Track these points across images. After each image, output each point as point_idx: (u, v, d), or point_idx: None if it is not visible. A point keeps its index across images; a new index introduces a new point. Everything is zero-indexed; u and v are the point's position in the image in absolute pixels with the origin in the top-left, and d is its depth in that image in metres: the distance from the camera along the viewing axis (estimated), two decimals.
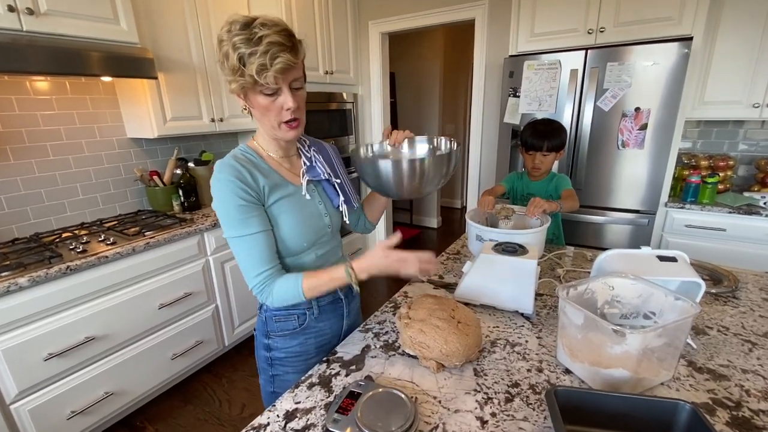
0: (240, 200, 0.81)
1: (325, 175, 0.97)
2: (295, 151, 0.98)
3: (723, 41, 2.07)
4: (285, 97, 0.79)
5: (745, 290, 1.19)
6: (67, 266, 1.51)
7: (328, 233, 0.98)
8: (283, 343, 0.99)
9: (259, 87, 0.76)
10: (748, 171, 2.40)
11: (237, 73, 0.75)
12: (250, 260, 0.84)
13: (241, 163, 0.85)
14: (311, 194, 0.94)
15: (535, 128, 1.61)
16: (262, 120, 0.84)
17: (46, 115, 1.88)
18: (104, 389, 1.70)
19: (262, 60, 0.72)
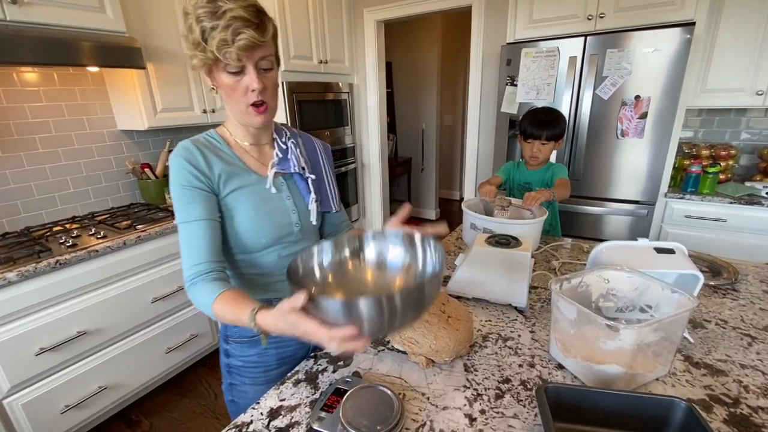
0: (186, 183, 0.76)
1: (296, 168, 0.89)
2: (269, 140, 0.90)
3: (726, 27, 2.01)
4: (250, 77, 0.73)
5: (745, 282, 1.17)
6: (57, 260, 1.49)
7: (296, 232, 0.89)
8: (241, 351, 0.92)
9: (223, 64, 0.71)
10: (751, 160, 2.36)
11: (198, 47, 0.70)
12: (186, 250, 0.76)
13: (199, 146, 0.79)
14: (279, 188, 0.87)
15: (534, 116, 1.58)
16: (228, 102, 0.78)
17: (35, 107, 1.84)
18: (98, 383, 1.70)
19: (224, 35, 0.67)
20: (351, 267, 0.79)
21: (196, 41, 0.69)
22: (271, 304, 0.66)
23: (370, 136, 3.27)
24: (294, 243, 0.90)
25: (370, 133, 3.26)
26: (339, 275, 0.77)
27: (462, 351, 0.83)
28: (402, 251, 0.77)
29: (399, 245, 0.78)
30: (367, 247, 0.80)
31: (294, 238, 0.89)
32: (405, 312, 0.58)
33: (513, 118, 2.27)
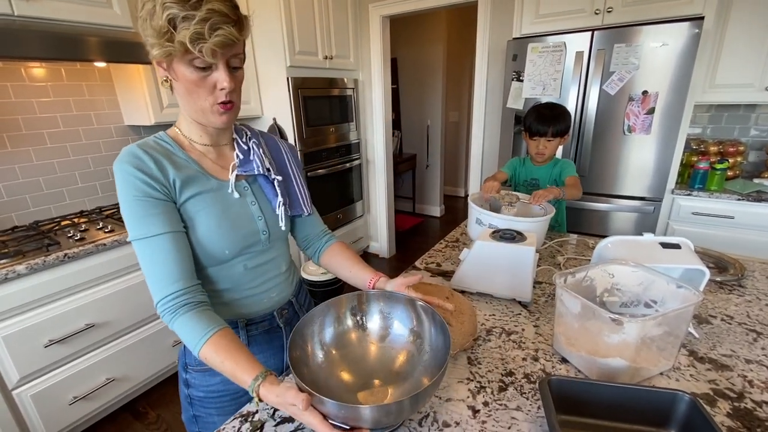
0: (138, 193, 0.66)
1: (260, 169, 0.80)
2: (228, 140, 0.81)
3: (736, 21, 1.99)
4: (220, 74, 0.65)
5: (751, 278, 1.16)
6: (65, 254, 1.51)
7: (263, 240, 0.80)
8: (203, 380, 0.82)
9: (190, 57, 0.63)
10: (759, 157, 2.33)
11: (164, 36, 0.61)
12: (153, 272, 0.67)
13: (148, 150, 0.70)
14: (242, 192, 0.78)
15: (539, 113, 1.56)
16: (187, 98, 0.69)
17: (43, 102, 1.86)
18: (106, 375, 1.72)
19: (200, 28, 0.59)
20: (354, 338, 0.78)
21: (161, 29, 0.60)
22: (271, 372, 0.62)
23: (375, 132, 3.27)
24: (261, 253, 0.82)
25: (375, 129, 3.26)
26: (342, 347, 0.76)
27: (466, 344, 0.84)
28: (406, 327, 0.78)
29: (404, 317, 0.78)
30: (370, 319, 0.79)
31: (261, 247, 0.81)
32: (411, 410, 0.59)
33: (519, 113, 2.26)
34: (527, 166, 1.71)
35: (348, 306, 0.79)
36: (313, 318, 0.74)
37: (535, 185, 1.66)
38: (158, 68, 0.68)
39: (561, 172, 1.61)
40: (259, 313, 0.84)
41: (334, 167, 2.94)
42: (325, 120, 2.81)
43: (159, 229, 0.67)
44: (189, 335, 0.65)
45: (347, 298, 0.79)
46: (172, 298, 0.66)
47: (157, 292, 0.67)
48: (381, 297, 0.80)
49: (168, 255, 0.67)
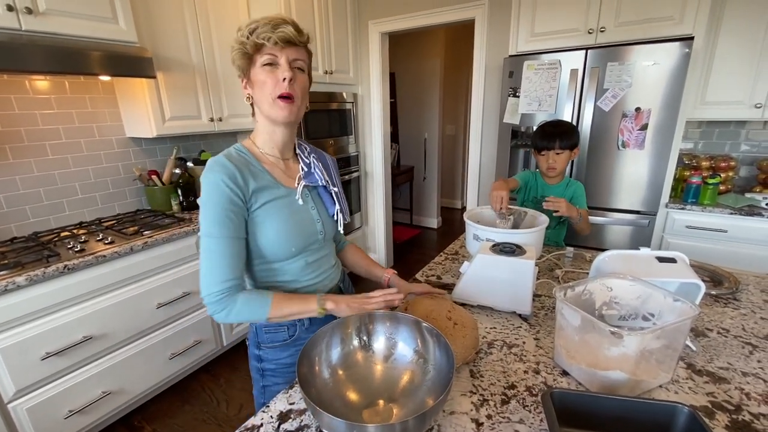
0: (225, 200, 0.79)
1: (322, 181, 0.95)
2: (293, 154, 0.97)
3: (724, 41, 2.06)
4: (282, 66, 0.80)
5: (746, 292, 1.18)
6: (65, 265, 1.51)
7: (320, 240, 0.95)
8: (274, 355, 0.97)
9: (260, 60, 0.80)
10: (750, 172, 2.39)
11: (241, 42, 0.80)
12: (219, 264, 0.80)
13: (234, 162, 0.83)
14: (305, 199, 0.92)
15: (544, 130, 1.57)
16: (260, 100, 0.84)
17: (45, 114, 1.88)
18: (102, 388, 1.70)
19: (267, 29, 0.78)
20: (360, 358, 0.80)
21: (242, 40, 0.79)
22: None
23: (373, 144, 3.31)
24: (318, 250, 0.96)
25: (373, 141, 3.30)
26: (347, 367, 0.78)
27: (468, 357, 0.85)
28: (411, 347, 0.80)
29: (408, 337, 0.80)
30: (376, 340, 0.82)
31: (318, 245, 0.95)
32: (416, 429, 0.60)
33: (515, 128, 2.31)
34: (539, 182, 1.68)
35: (353, 327, 0.81)
36: (319, 339, 0.76)
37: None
38: (242, 87, 0.88)
39: (573, 197, 1.60)
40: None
41: None
42: (325, 133, 2.85)
43: (231, 233, 0.80)
44: (254, 306, 0.82)
45: (352, 319, 0.81)
46: (230, 286, 0.80)
47: (214, 282, 0.79)
48: (386, 318, 0.81)
49: (232, 256, 0.81)
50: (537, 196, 1.68)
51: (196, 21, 2.13)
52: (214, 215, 0.79)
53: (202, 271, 0.81)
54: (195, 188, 2.29)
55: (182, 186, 2.23)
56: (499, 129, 2.40)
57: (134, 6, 1.82)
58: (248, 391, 2.04)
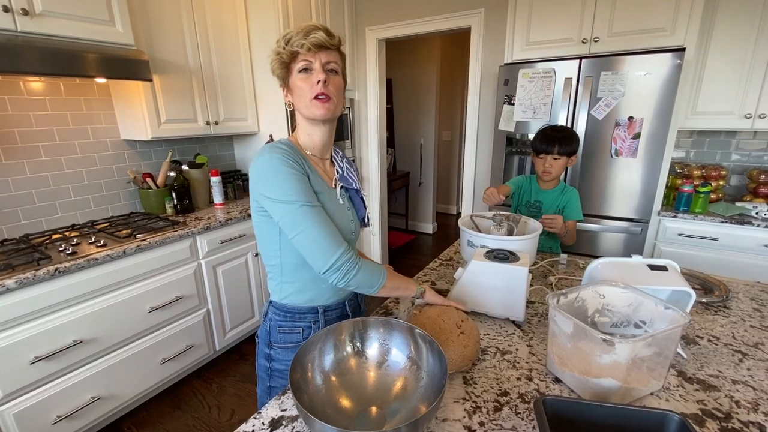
0: (300, 174, 0.84)
1: (356, 185, 1.01)
2: (329, 156, 1.01)
3: (715, 52, 2.10)
4: (316, 69, 0.85)
5: (736, 300, 1.20)
6: (56, 268, 1.49)
7: (353, 240, 0.99)
8: (285, 356, 0.97)
9: (296, 68, 0.85)
10: (741, 181, 2.42)
11: (281, 53, 0.85)
12: (328, 233, 0.83)
13: (286, 148, 0.87)
14: (343, 199, 0.97)
15: (545, 133, 1.59)
16: (299, 100, 0.88)
17: (39, 115, 1.87)
18: (92, 393, 1.68)
19: (299, 36, 0.82)
20: (353, 365, 0.80)
21: (279, 50, 0.85)
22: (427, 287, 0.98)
23: (369, 149, 3.32)
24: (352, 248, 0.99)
25: (369, 146, 3.31)
26: (341, 374, 0.77)
27: (463, 367, 0.84)
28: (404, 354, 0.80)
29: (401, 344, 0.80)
30: (369, 346, 0.82)
31: (352, 244, 0.99)
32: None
33: (510, 135, 2.33)
34: (534, 186, 1.70)
35: (347, 333, 0.81)
36: (312, 345, 0.75)
37: (538, 208, 1.66)
38: (285, 98, 0.93)
39: (567, 205, 1.62)
40: (336, 300, 1.01)
41: None
42: None
43: (318, 202, 0.85)
44: (371, 279, 0.88)
45: (346, 325, 0.80)
46: (347, 252, 0.84)
47: (334, 250, 0.83)
48: (379, 324, 0.81)
49: (327, 221, 0.85)
50: (531, 200, 1.70)
51: (193, 24, 2.13)
52: (298, 186, 0.82)
53: (312, 243, 0.82)
54: (190, 191, 2.28)
55: (177, 189, 2.21)
56: (494, 136, 2.41)
57: (131, 9, 1.83)
58: (241, 397, 2.02)
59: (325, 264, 0.83)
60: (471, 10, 2.62)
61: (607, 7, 2.00)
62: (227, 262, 2.19)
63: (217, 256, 2.13)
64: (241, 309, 2.33)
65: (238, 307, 2.31)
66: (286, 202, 0.82)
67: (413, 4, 2.81)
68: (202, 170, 2.37)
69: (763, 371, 0.86)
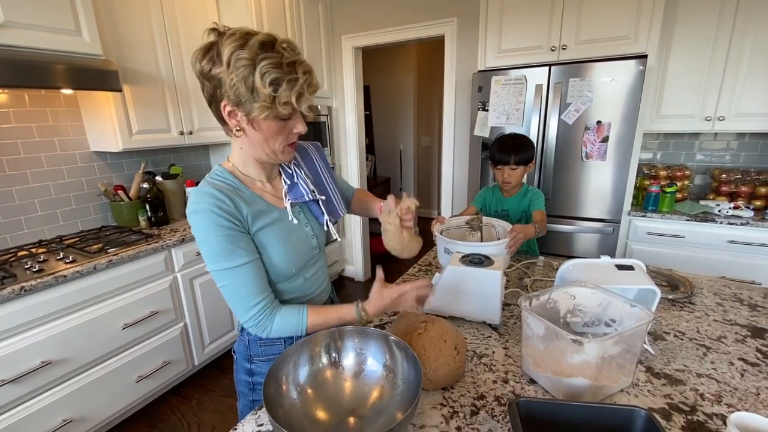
0: (224, 230, 0.76)
1: (308, 195, 0.92)
2: (277, 172, 0.93)
3: (676, 59, 2.20)
4: (296, 120, 0.79)
5: (700, 295, 1.25)
6: (21, 287, 1.43)
7: (316, 255, 0.96)
8: (266, 369, 0.93)
9: (278, 112, 0.73)
10: (704, 180, 2.54)
11: (268, 100, 0.70)
12: (243, 292, 0.79)
13: (221, 190, 0.78)
14: (297, 218, 0.90)
15: (502, 143, 1.63)
16: (263, 144, 0.79)
17: (3, 128, 1.80)
18: (63, 416, 1.61)
19: (302, 90, 0.71)
20: (329, 376, 0.79)
21: (267, 96, 0.69)
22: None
23: (349, 156, 3.32)
24: (314, 264, 0.96)
25: (349, 154, 3.32)
26: (317, 386, 0.77)
27: (450, 383, 0.83)
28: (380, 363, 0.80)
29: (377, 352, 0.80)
30: (345, 356, 0.82)
31: (314, 259, 0.96)
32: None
33: (485, 141, 2.38)
34: (497, 196, 1.74)
35: (323, 344, 0.80)
36: (287, 357, 0.75)
37: (505, 216, 1.69)
38: (230, 120, 0.76)
39: (530, 204, 1.65)
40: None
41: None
42: None
43: (245, 259, 0.78)
44: (291, 323, 0.82)
45: (322, 336, 0.80)
46: (262, 306, 0.80)
47: (248, 308, 0.79)
48: (355, 334, 0.81)
49: (254, 277, 0.80)
50: (498, 209, 1.73)
51: (164, 33, 2.10)
52: (218, 248, 0.76)
53: (229, 304, 0.81)
54: (164, 203, 2.23)
55: (151, 201, 2.16)
56: (470, 141, 2.46)
57: (99, 18, 1.78)
58: (222, 412, 1.98)
59: (242, 320, 0.82)
60: (444, 18, 2.67)
61: (573, 15, 2.08)
62: (205, 275, 2.14)
63: (194, 268, 2.09)
64: (220, 322, 2.28)
65: (217, 320, 2.26)
66: (209, 261, 0.78)
67: (388, 12, 2.85)
68: (177, 181, 2.32)
69: (725, 364, 0.90)
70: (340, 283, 3.58)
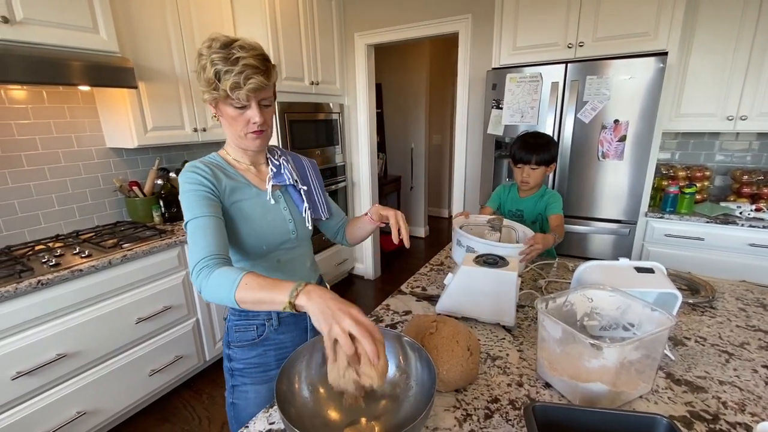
0: (198, 187, 0.84)
1: (290, 180, 0.99)
2: (264, 160, 1.01)
3: (697, 56, 2.14)
4: (253, 111, 0.84)
5: (721, 300, 1.21)
6: (38, 280, 1.46)
7: (293, 239, 0.98)
8: (242, 354, 0.99)
9: (230, 100, 0.82)
10: (724, 181, 2.47)
11: (211, 86, 0.81)
12: (200, 243, 0.78)
13: (206, 163, 0.90)
14: (276, 199, 0.96)
15: (524, 141, 1.57)
16: (229, 129, 0.89)
17: (22, 124, 1.83)
18: (77, 408, 1.64)
19: (237, 79, 0.78)
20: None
21: (209, 80, 0.80)
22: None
23: (360, 154, 3.32)
24: (291, 249, 1.00)
25: (360, 151, 3.31)
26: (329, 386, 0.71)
27: (462, 385, 0.82)
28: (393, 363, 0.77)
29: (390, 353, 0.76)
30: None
31: (291, 244, 0.99)
32: None
33: (499, 139, 2.34)
34: (513, 194, 1.69)
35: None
36: (300, 355, 0.74)
37: (519, 217, 1.65)
38: (210, 107, 0.89)
39: (547, 206, 1.59)
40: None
41: None
42: (311, 143, 2.84)
43: (204, 212, 0.82)
44: (223, 285, 0.72)
45: None
46: (209, 259, 0.77)
47: (197, 258, 0.78)
48: None
49: (208, 231, 0.80)
50: (512, 209, 1.69)
51: (179, 30, 2.11)
52: (194, 199, 0.83)
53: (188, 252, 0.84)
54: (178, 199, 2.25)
55: (164, 197, 2.18)
56: (484, 140, 2.43)
57: (116, 16, 1.80)
58: None
59: (190, 270, 0.78)
60: (458, 15, 2.64)
61: (591, 12, 2.04)
62: None
63: None
64: None
65: None
66: (185, 215, 0.84)
67: (401, 10, 2.83)
68: None
69: (749, 371, 0.87)
70: (350, 281, 3.58)
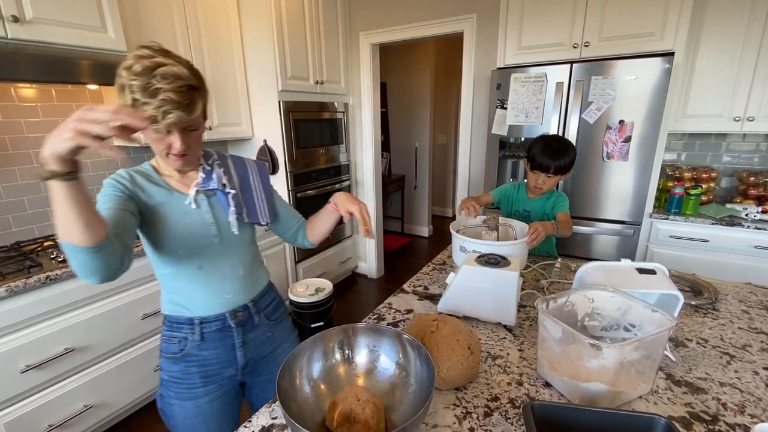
0: (111, 190, 0.82)
1: (217, 185, 0.94)
2: (194, 167, 0.95)
3: (704, 57, 2.12)
4: (174, 139, 0.80)
5: (725, 302, 1.21)
6: (47, 276, 1.48)
7: (215, 244, 0.94)
8: (167, 366, 0.97)
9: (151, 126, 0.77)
10: (731, 183, 2.45)
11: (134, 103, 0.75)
12: None
13: (130, 171, 0.89)
14: (199, 204, 0.92)
15: (547, 145, 1.50)
16: (155, 150, 0.85)
17: (31, 122, 1.86)
18: (84, 402, 1.66)
19: (154, 113, 0.73)
20: (342, 372, 0.80)
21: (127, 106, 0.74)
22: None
23: (364, 153, 3.33)
24: (215, 255, 0.94)
25: (364, 151, 3.32)
26: (329, 381, 0.77)
27: (462, 383, 0.83)
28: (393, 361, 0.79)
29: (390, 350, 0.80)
30: (358, 353, 0.81)
31: (215, 249, 0.94)
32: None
33: (503, 139, 2.34)
34: (521, 194, 1.67)
35: (336, 340, 0.81)
36: (301, 352, 0.75)
37: (527, 217, 1.64)
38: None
39: (554, 206, 1.58)
40: (213, 311, 0.96)
41: (324, 188, 2.97)
42: (316, 142, 2.85)
43: (114, 204, 0.80)
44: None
45: (336, 332, 0.80)
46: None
47: None
48: (368, 331, 0.81)
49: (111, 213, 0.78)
50: (520, 209, 1.69)
51: (186, 31, 2.13)
52: (102, 200, 0.81)
53: None
54: None
55: None
56: (488, 139, 2.43)
57: (123, 15, 1.82)
58: None
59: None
60: (463, 15, 2.64)
61: (597, 12, 2.03)
62: None
63: None
64: None
65: None
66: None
67: (406, 9, 2.83)
68: None
69: (750, 373, 0.87)
70: (353, 279, 3.59)
